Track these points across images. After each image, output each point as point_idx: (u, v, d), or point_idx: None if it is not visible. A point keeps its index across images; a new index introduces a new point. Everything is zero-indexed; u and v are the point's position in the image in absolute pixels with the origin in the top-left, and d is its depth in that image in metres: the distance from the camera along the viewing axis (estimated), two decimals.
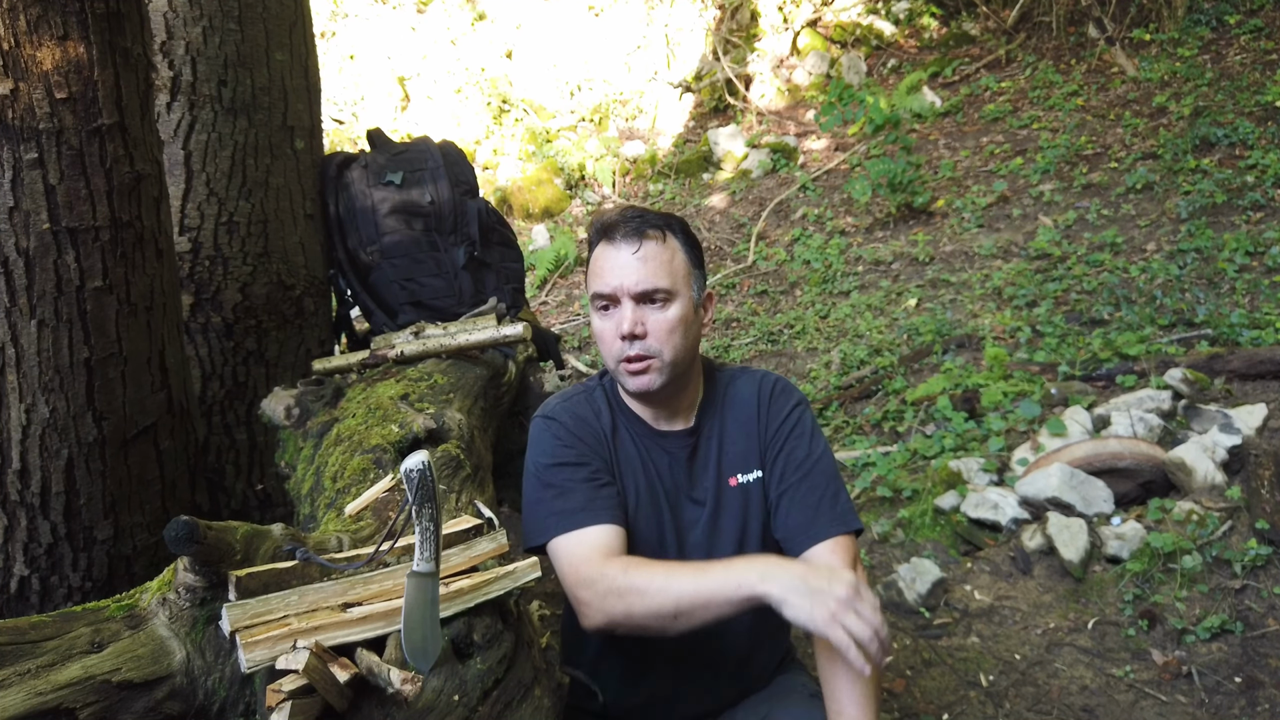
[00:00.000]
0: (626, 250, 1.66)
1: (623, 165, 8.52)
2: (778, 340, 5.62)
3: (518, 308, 3.09)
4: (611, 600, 1.56)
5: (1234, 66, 7.04)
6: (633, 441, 1.77)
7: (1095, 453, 3.39)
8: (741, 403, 1.81)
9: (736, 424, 1.80)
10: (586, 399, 1.81)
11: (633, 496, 1.75)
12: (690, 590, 1.50)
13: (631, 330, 1.65)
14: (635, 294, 1.65)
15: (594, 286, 1.70)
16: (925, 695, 2.79)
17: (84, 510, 2.01)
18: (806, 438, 1.79)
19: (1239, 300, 4.64)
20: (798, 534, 1.72)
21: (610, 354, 1.70)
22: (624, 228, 1.68)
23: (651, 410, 1.78)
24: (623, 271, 1.65)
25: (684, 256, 1.71)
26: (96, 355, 1.96)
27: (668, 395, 1.73)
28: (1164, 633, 2.85)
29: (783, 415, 1.80)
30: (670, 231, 1.70)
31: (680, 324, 1.68)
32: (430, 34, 9.54)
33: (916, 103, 7.88)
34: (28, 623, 1.28)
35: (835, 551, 1.69)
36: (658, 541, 1.75)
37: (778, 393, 1.82)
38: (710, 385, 1.83)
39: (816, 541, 1.70)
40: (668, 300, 1.67)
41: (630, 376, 1.69)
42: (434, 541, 1.29)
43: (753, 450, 1.79)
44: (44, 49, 1.78)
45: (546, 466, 1.72)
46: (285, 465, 2.27)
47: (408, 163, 3.09)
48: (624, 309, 1.66)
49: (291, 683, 1.18)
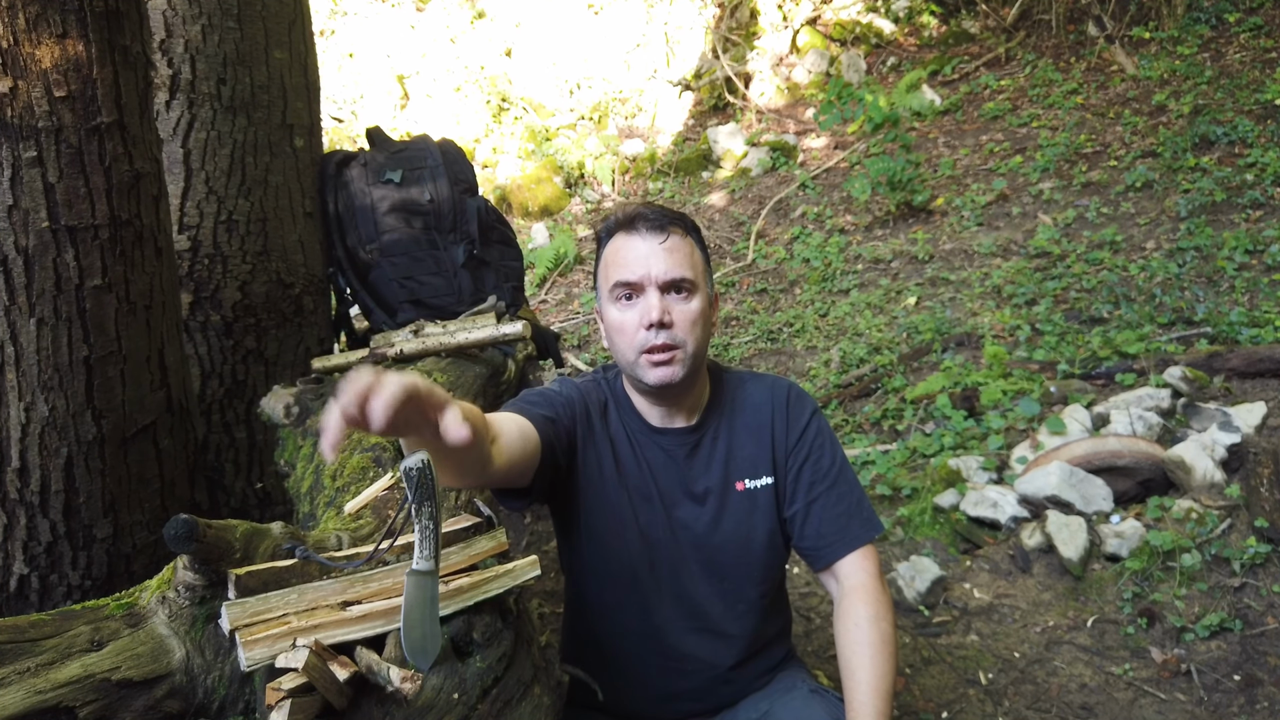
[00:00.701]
0: (653, 240, 1.64)
1: (622, 163, 8.52)
2: (777, 338, 5.62)
3: (517, 306, 3.09)
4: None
5: (1234, 64, 7.03)
6: (629, 437, 1.76)
7: (1094, 451, 3.40)
8: (753, 408, 1.80)
9: (747, 429, 1.78)
10: (595, 384, 1.81)
11: (595, 471, 1.73)
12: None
13: (660, 318, 1.62)
14: (663, 283, 1.63)
15: (616, 275, 1.66)
16: (924, 693, 2.79)
17: (83, 508, 2.01)
18: (829, 446, 1.79)
19: (1238, 298, 4.64)
20: (830, 544, 1.75)
21: (632, 345, 1.65)
22: (648, 219, 1.66)
23: (658, 407, 1.75)
24: (649, 260, 1.63)
25: (700, 254, 1.72)
26: (96, 354, 1.96)
27: (681, 391, 1.71)
28: (1163, 631, 2.85)
29: (802, 424, 1.79)
30: (687, 229, 1.70)
31: (702, 317, 1.67)
32: (429, 32, 9.54)
33: (916, 101, 7.88)
34: (27, 621, 1.28)
35: (863, 562, 1.74)
36: (651, 538, 1.74)
37: (793, 400, 1.81)
38: (717, 386, 1.82)
39: (847, 552, 1.74)
40: (692, 292, 1.66)
41: (653, 368, 1.65)
42: (433, 540, 1.29)
43: (763, 456, 1.78)
44: (43, 47, 1.78)
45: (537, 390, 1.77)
46: (285, 463, 2.27)
47: (407, 161, 3.09)
48: (649, 297, 1.63)
49: (291, 681, 1.18)
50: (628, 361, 1.68)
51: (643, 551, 1.74)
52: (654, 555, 1.74)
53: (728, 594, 1.78)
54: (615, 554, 1.73)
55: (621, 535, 1.73)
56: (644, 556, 1.74)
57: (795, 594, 3.24)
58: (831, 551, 1.75)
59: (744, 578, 1.78)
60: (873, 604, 1.69)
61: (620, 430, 1.76)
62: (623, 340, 1.67)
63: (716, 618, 1.78)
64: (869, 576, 1.73)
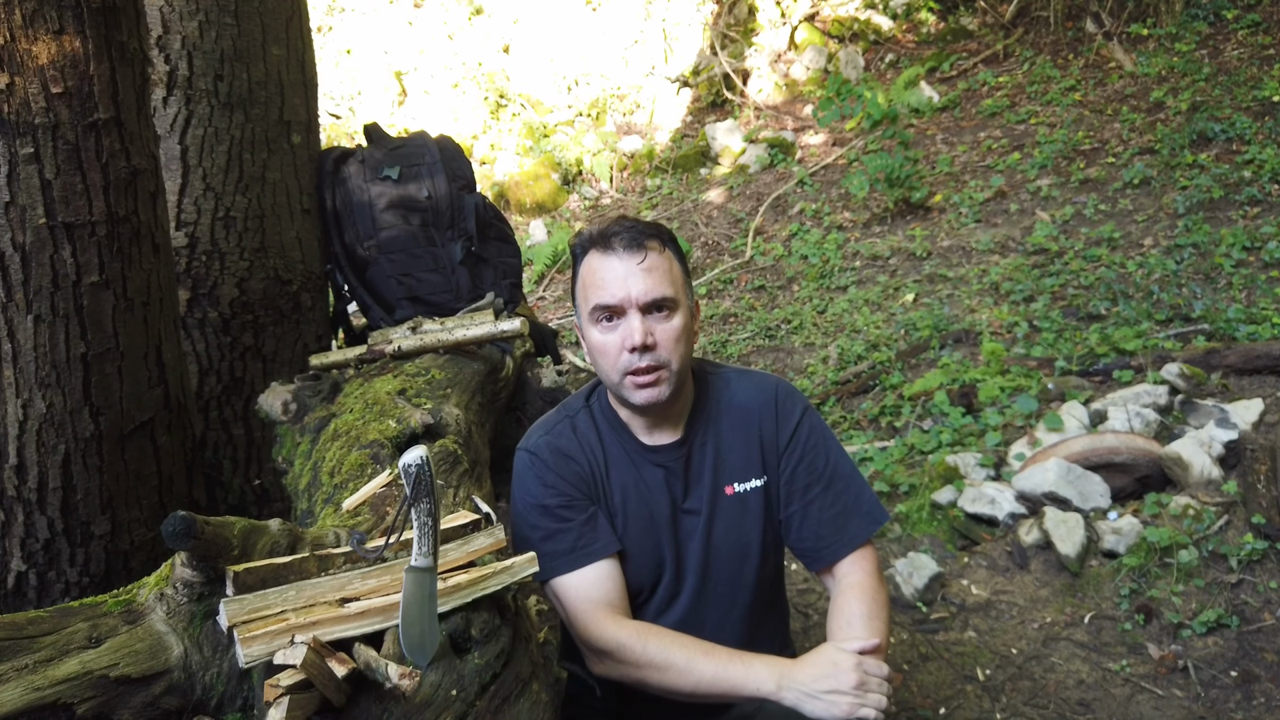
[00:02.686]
0: (630, 260, 1.62)
1: (620, 160, 8.51)
2: (775, 335, 5.62)
3: (515, 303, 3.09)
4: (627, 669, 1.62)
5: (1231, 61, 7.03)
6: (629, 461, 1.75)
7: (1092, 448, 3.40)
8: (740, 409, 1.78)
9: (734, 432, 1.77)
10: (570, 427, 1.77)
11: (620, 519, 1.73)
12: (709, 680, 1.59)
13: (643, 341, 1.61)
14: (643, 304, 1.62)
15: (595, 298, 1.65)
16: (922, 689, 2.79)
17: (81, 505, 2.01)
18: (823, 445, 1.78)
19: (1235, 295, 4.65)
20: (828, 546, 1.75)
21: (615, 368, 1.65)
22: (623, 237, 1.64)
23: (645, 423, 1.75)
24: (629, 282, 1.62)
25: (679, 267, 1.70)
26: (93, 350, 1.95)
27: (669, 405, 1.71)
28: (1160, 627, 2.85)
29: (793, 424, 1.77)
30: (664, 242, 1.68)
31: (684, 333, 1.66)
32: (427, 28, 9.52)
33: (914, 97, 7.87)
34: (25, 618, 1.28)
35: (860, 561, 1.74)
36: (656, 561, 1.75)
37: (783, 399, 1.79)
38: (702, 390, 1.80)
39: (846, 553, 1.74)
40: (673, 309, 1.65)
41: (638, 390, 1.65)
42: (432, 537, 1.29)
43: (753, 458, 1.77)
44: (40, 43, 1.78)
45: (531, 507, 1.72)
46: (283, 460, 2.27)
47: (405, 158, 3.09)
48: (631, 320, 1.62)
49: (289, 678, 1.18)
50: (613, 383, 1.69)
51: (647, 575, 1.75)
52: (660, 569, 1.76)
53: (724, 596, 1.78)
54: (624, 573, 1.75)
55: (631, 557, 1.74)
56: (650, 572, 1.76)
57: (793, 591, 3.24)
58: (830, 553, 1.74)
59: (740, 580, 1.78)
60: (868, 602, 1.69)
61: (621, 459, 1.76)
62: (606, 362, 1.67)
63: (714, 620, 1.78)
64: (865, 575, 1.72)
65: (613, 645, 1.62)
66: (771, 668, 1.59)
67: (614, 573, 1.69)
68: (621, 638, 1.62)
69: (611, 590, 1.68)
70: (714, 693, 1.60)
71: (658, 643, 1.62)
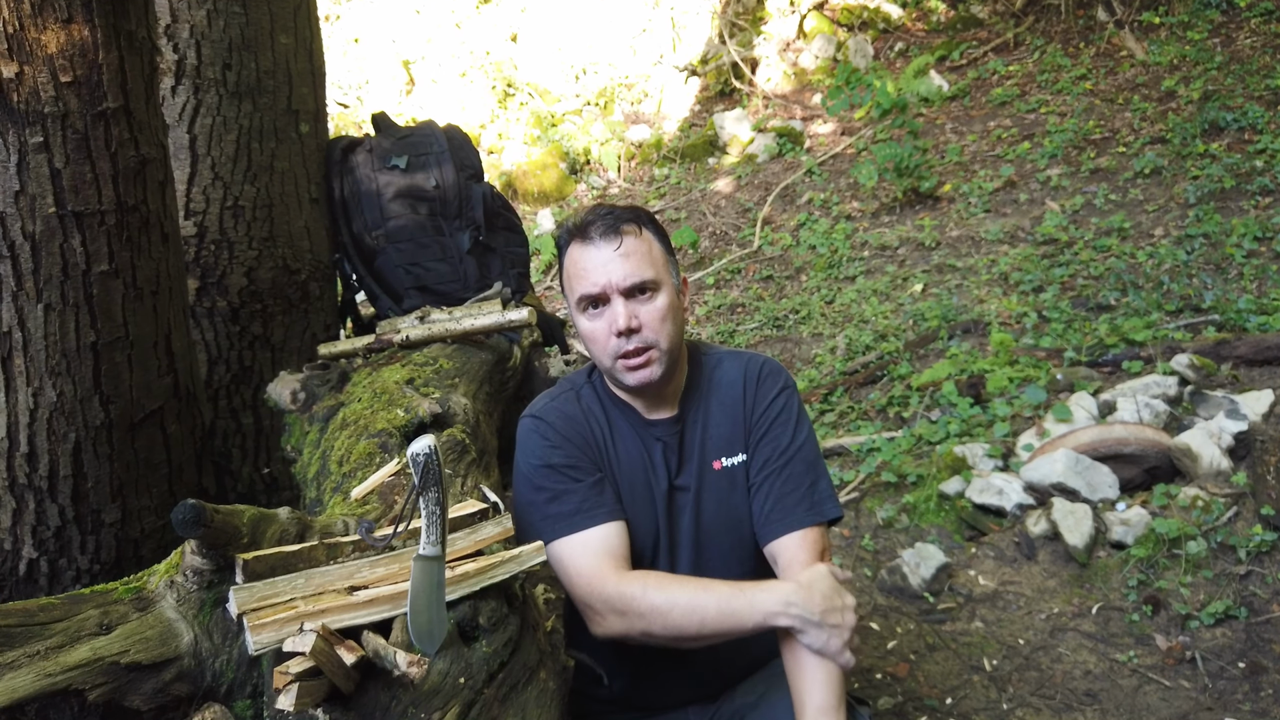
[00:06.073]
0: (607, 248, 1.67)
1: (628, 149, 8.49)
2: (783, 325, 5.61)
3: (523, 292, 3.09)
4: (632, 620, 1.61)
5: (1244, 50, 6.98)
6: (634, 433, 1.78)
7: (1101, 438, 3.39)
8: (727, 386, 1.82)
9: (721, 408, 1.80)
10: (575, 397, 1.81)
11: (627, 492, 1.75)
12: (714, 615, 1.58)
13: (628, 325, 1.66)
14: (624, 289, 1.67)
15: (579, 289, 1.70)
16: (929, 679, 2.80)
17: (92, 493, 2.02)
18: (791, 424, 1.79)
19: (1246, 286, 4.63)
20: (771, 523, 1.74)
21: (606, 353, 1.70)
22: (599, 226, 1.69)
23: (642, 403, 1.79)
24: (608, 269, 1.67)
25: (659, 246, 1.74)
26: (103, 339, 1.96)
27: (663, 385, 1.75)
28: (1168, 618, 2.85)
29: (768, 399, 1.80)
30: (641, 224, 1.72)
31: (670, 311, 1.70)
32: (435, 17, 9.50)
33: (923, 86, 7.83)
34: (36, 605, 1.29)
35: (803, 544, 1.72)
36: (653, 534, 1.77)
37: (765, 376, 1.82)
38: (694, 369, 1.84)
39: (787, 532, 1.73)
40: (655, 290, 1.69)
41: (630, 372, 1.69)
42: (440, 525, 1.30)
43: (738, 434, 1.79)
44: (48, 32, 1.78)
45: (536, 468, 1.73)
46: (291, 449, 2.28)
47: (413, 147, 3.09)
48: (614, 306, 1.67)
49: (298, 665, 1.19)
50: (606, 368, 1.74)
51: (645, 548, 1.76)
52: (656, 543, 1.77)
53: (720, 571, 1.79)
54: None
55: (631, 530, 1.74)
56: (648, 546, 1.77)
57: None
58: (769, 530, 1.74)
59: (733, 556, 1.80)
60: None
61: (626, 431, 1.79)
62: (597, 349, 1.72)
63: None
64: (805, 563, 1.71)
65: (617, 597, 1.62)
66: (775, 591, 1.61)
67: (621, 533, 1.69)
68: (624, 588, 1.62)
69: (618, 548, 1.68)
70: (720, 628, 1.60)
71: (659, 585, 1.63)
